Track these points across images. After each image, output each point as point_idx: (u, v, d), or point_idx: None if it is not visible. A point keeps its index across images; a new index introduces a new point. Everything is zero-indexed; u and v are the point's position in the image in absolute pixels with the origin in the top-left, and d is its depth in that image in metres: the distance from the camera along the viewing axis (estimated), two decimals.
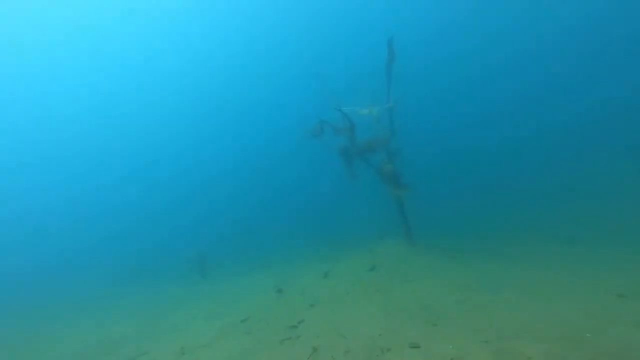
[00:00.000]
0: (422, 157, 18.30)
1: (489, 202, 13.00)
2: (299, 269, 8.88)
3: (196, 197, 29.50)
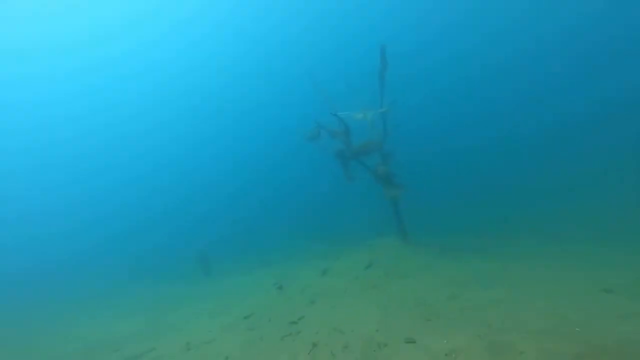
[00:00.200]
0: (420, 157, 18.42)
1: (484, 201, 13.15)
2: (299, 267, 9.03)
3: (197, 197, 29.64)
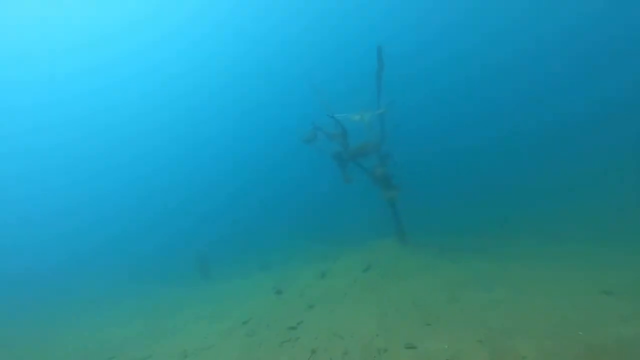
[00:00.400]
0: (419, 157, 18.38)
1: (484, 201, 13.12)
2: (298, 269, 8.97)
3: (196, 199, 29.60)
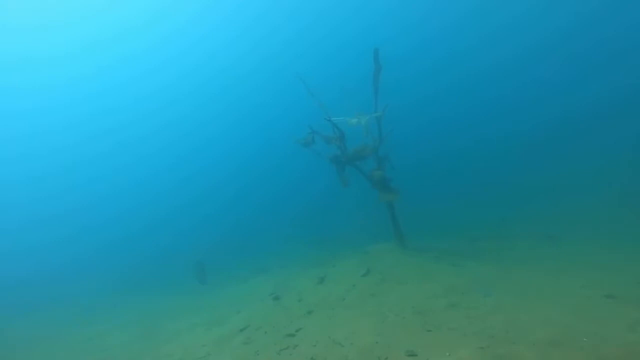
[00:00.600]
0: (415, 160, 18.39)
1: (482, 202, 13.11)
2: (295, 274, 8.85)
3: (193, 204, 29.46)
